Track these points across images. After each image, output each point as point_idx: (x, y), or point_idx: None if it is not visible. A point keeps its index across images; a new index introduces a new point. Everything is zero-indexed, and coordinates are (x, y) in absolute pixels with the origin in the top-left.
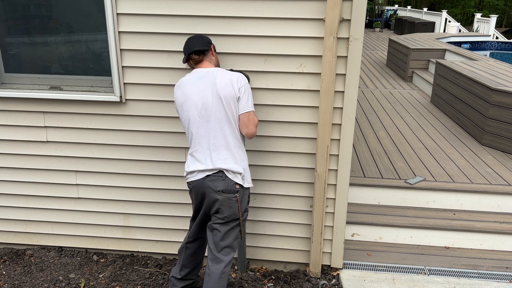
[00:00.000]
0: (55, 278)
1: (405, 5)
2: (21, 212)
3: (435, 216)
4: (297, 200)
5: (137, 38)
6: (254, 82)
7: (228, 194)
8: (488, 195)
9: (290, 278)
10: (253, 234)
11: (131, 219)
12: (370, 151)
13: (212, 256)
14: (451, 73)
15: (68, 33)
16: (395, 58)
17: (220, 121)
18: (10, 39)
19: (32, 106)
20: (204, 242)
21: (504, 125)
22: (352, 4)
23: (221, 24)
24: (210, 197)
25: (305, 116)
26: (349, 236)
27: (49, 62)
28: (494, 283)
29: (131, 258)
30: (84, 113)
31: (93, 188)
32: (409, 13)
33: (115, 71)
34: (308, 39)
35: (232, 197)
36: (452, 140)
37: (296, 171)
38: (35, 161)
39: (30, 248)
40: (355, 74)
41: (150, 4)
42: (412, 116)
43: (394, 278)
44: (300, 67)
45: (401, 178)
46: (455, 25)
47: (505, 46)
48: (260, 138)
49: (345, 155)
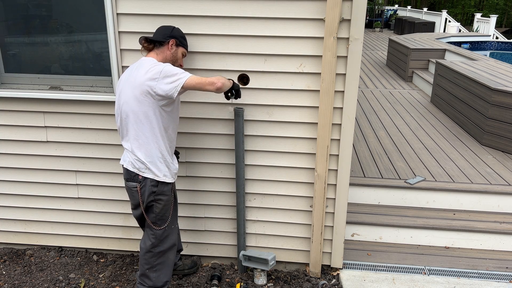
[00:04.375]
0: (55, 278)
1: (405, 5)
2: (21, 212)
3: (435, 216)
4: (297, 200)
5: (137, 38)
6: (254, 82)
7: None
8: (488, 195)
9: (290, 278)
10: (253, 234)
11: (131, 219)
12: (370, 151)
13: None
14: (451, 73)
15: (68, 33)
16: (395, 58)
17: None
18: (10, 39)
19: (32, 106)
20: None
21: (504, 125)
22: (352, 4)
23: (221, 24)
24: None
25: (305, 116)
26: (349, 236)
27: (49, 62)
28: (494, 283)
29: (131, 258)
30: (84, 113)
31: (93, 188)
32: (409, 13)
33: (115, 71)
34: (308, 39)
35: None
36: (452, 140)
37: (296, 171)
38: (35, 161)
39: (30, 248)
40: (355, 74)
41: (150, 4)
42: (412, 116)
43: (394, 278)
44: (300, 67)
45: (401, 178)
46: (455, 25)
47: (505, 46)
48: (260, 138)
49: (345, 155)
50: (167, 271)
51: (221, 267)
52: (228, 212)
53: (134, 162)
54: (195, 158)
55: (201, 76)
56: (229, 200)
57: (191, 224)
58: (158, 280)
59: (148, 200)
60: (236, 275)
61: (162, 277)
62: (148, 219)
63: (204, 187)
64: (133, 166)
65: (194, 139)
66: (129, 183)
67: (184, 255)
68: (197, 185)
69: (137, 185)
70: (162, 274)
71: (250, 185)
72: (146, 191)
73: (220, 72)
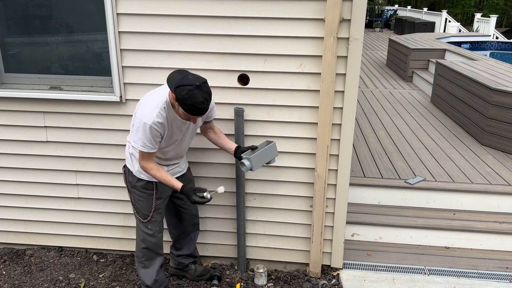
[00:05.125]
0: (55, 278)
1: (405, 5)
2: (21, 212)
3: (435, 216)
4: (297, 200)
5: (137, 38)
6: (254, 82)
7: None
8: (488, 195)
9: (290, 278)
10: (253, 234)
11: (131, 219)
12: (370, 151)
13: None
14: (451, 73)
15: (68, 33)
16: (395, 58)
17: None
18: (10, 39)
19: (32, 106)
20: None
21: (504, 125)
22: (352, 4)
23: (221, 24)
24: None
25: (305, 116)
26: (349, 236)
27: (49, 62)
28: (494, 283)
29: (131, 258)
30: (84, 113)
31: (93, 188)
32: (409, 13)
33: (115, 71)
34: (308, 39)
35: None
36: (452, 140)
37: (296, 171)
38: (35, 161)
39: (30, 248)
40: (355, 74)
41: (150, 4)
42: (412, 116)
43: (394, 278)
44: (300, 67)
45: (401, 178)
46: (455, 25)
47: (505, 46)
48: (260, 138)
49: (345, 155)
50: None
51: (221, 267)
52: (228, 212)
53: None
54: (195, 158)
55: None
56: (229, 200)
57: None
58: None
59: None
60: (236, 275)
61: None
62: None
63: (204, 187)
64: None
65: (194, 139)
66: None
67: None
68: (197, 185)
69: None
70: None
71: (250, 185)
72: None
73: (220, 72)
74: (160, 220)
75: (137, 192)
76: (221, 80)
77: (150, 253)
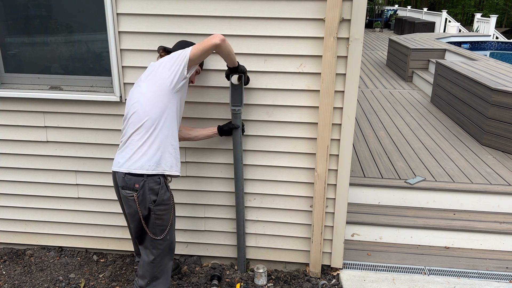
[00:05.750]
0: (55, 278)
1: (405, 5)
2: (21, 212)
3: (435, 216)
4: (297, 200)
5: (137, 38)
6: (254, 82)
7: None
8: (488, 195)
9: (290, 278)
10: (253, 234)
11: None
12: (370, 151)
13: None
14: (451, 73)
15: (68, 33)
16: (395, 58)
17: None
18: (10, 39)
19: (32, 106)
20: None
21: (504, 125)
22: (352, 4)
23: (221, 24)
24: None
25: (305, 116)
26: (349, 236)
27: (49, 62)
28: (494, 283)
29: (131, 258)
30: (84, 113)
31: (93, 188)
32: (409, 13)
33: (115, 71)
34: (308, 39)
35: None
36: (452, 140)
37: (296, 171)
38: (35, 161)
39: (30, 248)
40: (355, 74)
41: (150, 4)
42: (412, 116)
43: (394, 278)
44: (300, 67)
45: (401, 178)
46: (455, 25)
47: (505, 46)
48: (260, 138)
49: (345, 155)
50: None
51: (221, 267)
52: (228, 212)
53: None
54: (195, 158)
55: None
56: (229, 200)
57: (191, 224)
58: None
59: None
60: (236, 275)
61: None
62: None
63: (204, 187)
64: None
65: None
66: None
67: (184, 255)
68: (197, 185)
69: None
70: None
71: (250, 185)
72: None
73: (220, 72)
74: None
75: (161, 208)
76: (221, 80)
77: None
